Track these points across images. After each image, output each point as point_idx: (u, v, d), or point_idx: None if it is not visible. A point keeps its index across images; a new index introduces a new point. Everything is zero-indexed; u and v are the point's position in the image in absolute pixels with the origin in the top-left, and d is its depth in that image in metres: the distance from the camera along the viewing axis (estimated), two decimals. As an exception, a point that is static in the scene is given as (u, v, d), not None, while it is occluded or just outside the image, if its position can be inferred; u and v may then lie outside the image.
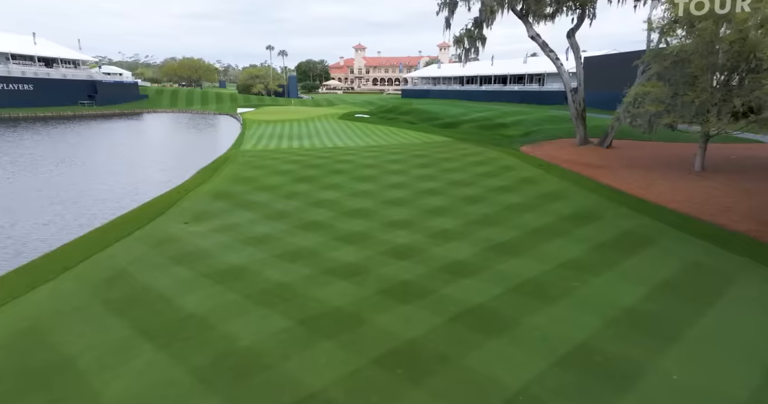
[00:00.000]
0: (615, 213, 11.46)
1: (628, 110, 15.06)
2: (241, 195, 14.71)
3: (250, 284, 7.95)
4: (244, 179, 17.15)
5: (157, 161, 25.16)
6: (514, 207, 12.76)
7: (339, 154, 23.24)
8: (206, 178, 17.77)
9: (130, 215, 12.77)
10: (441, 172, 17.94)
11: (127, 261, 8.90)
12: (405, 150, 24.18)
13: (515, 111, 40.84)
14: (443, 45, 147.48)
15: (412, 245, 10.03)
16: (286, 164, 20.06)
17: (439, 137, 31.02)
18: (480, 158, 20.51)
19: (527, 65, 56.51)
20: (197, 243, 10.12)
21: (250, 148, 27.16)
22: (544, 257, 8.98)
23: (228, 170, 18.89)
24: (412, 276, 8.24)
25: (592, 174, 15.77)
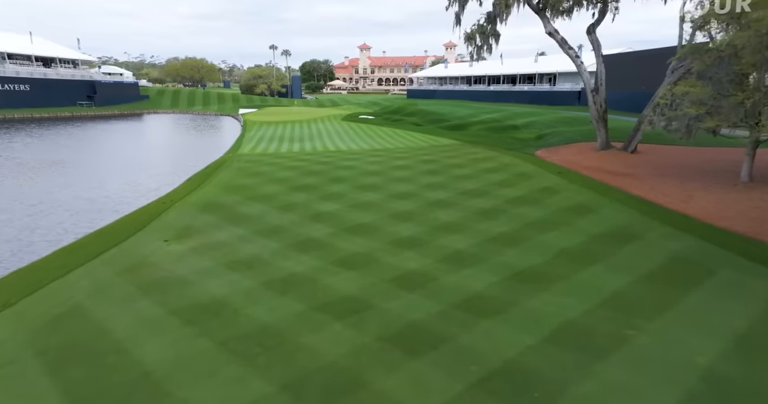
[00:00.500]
0: (656, 233, 10.02)
1: (663, 113, 13.60)
2: (232, 207, 13.41)
3: (228, 325, 6.63)
4: (238, 187, 15.86)
5: (149, 166, 23.96)
6: (536, 223, 11.35)
7: (341, 158, 21.94)
8: (197, 186, 16.50)
9: (105, 231, 11.51)
10: (451, 180, 16.55)
11: (86, 292, 7.61)
12: (411, 154, 22.83)
13: (526, 112, 39.34)
14: (449, 44, 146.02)
15: (422, 271, 8.67)
16: (284, 170, 18.76)
17: (447, 140, 29.62)
18: (493, 164, 19.10)
19: (538, 64, 54.92)
20: (173, 269, 8.81)
21: (248, 151, 25.91)
22: (582, 292, 7.57)
23: (221, 177, 17.62)
24: (421, 315, 6.88)
25: (620, 184, 14.31)
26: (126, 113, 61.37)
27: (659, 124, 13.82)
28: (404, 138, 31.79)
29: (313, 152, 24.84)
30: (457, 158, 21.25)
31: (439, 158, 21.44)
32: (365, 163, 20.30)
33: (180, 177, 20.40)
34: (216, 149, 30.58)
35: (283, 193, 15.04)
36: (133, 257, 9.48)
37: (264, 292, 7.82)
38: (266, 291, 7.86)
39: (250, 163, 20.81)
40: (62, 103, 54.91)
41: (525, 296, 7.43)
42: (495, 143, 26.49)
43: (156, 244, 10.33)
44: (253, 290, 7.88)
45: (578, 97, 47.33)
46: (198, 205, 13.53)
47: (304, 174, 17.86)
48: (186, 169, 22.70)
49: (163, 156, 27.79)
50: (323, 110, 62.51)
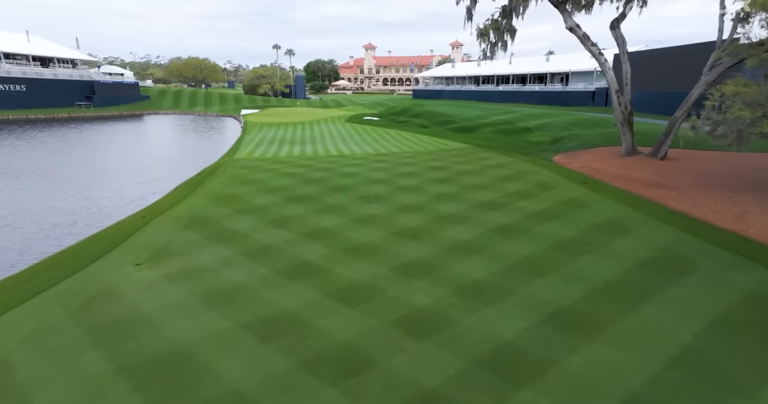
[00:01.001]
0: (714, 261, 8.50)
1: (708, 117, 12.05)
2: (219, 221, 12.03)
3: (189, 392, 5.21)
4: (229, 197, 14.48)
5: (139, 171, 22.69)
6: (565, 244, 9.87)
7: (343, 164, 20.55)
8: (185, 195, 15.16)
9: (71, 252, 10.17)
10: (463, 190, 15.08)
11: (18, 340, 6.23)
12: (419, 160, 21.38)
13: (539, 113, 37.76)
14: (456, 44, 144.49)
15: (434, 310, 7.23)
16: (280, 177, 17.39)
17: (456, 143, 28.13)
18: (508, 172, 17.60)
19: (549, 64, 53.29)
20: (138, 303, 7.44)
21: (245, 156, 24.59)
22: (640, 343, 6.09)
23: (212, 186, 16.27)
24: (437, 381, 5.43)
25: (656, 196, 12.78)
26: (125, 113, 60.42)
27: (703, 128, 12.28)
28: (410, 141, 30.34)
29: (313, 157, 23.46)
30: (468, 164, 19.78)
31: (448, 164, 19.98)
32: (369, 169, 18.89)
33: (170, 184, 19.10)
34: (212, 153, 29.34)
35: (277, 205, 13.65)
36: (95, 286, 8.11)
37: (243, 339, 6.41)
38: (245, 338, 6.45)
39: (246, 169, 19.46)
40: (60, 103, 54.01)
41: (566, 350, 5.96)
42: (507, 147, 24.97)
43: (125, 269, 8.97)
44: (230, 337, 6.47)
45: (592, 97, 45.68)
46: (181, 219, 12.17)
47: (302, 182, 16.48)
48: (178, 175, 21.41)
49: (155, 160, 26.57)
50: (326, 111, 61.24)
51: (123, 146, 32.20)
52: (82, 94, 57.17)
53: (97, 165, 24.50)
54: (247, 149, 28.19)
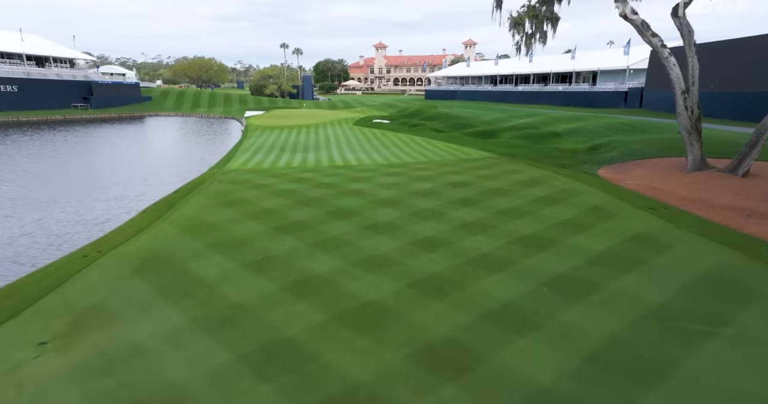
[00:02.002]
0: None
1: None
2: (181, 264, 9.32)
3: None
4: (203, 226, 11.80)
5: (113, 185, 20.10)
6: (661, 314, 6.92)
7: (349, 178, 17.82)
8: (150, 221, 12.52)
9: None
10: (495, 216, 12.20)
11: None
12: (436, 173, 18.54)
13: (567, 116, 34.65)
14: (469, 42, 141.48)
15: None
16: (272, 196, 14.70)
17: (477, 151, 25.21)
18: (547, 191, 14.66)
19: (575, 62, 49.92)
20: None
21: (238, 166, 21.98)
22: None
23: (188, 207, 13.61)
24: None
25: (763, 232, 9.75)
26: (124, 115, 58.57)
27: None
28: (424, 148, 27.50)
29: (315, 168, 20.74)
30: (495, 179, 16.86)
31: (471, 178, 17.09)
32: (378, 186, 16.10)
33: (144, 202, 16.54)
34: (203, 162, 26.86)
35: (262, 237, 10.91)
36: (-40, 392, 5.41)
37: None
38: None
39: (234, 185, 16.80)
40: (55, 105, 52.23)
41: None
42: (537, 157, 21.97)
43: (22, 352, 6.28)
44: None
45: (624, 98, 42.30)
46: (133, 260, 9.48)
47: (297, 204, 13.74)
48: (157, 190, 18.89)
49: (137, 170, 24.02)
50: (334, 113, 58.68)
51: (107, 153, 29.79)
52: (78, 95, 55.39)
53: (69, 177, 22.07)
54: (243, 157, 25.60)
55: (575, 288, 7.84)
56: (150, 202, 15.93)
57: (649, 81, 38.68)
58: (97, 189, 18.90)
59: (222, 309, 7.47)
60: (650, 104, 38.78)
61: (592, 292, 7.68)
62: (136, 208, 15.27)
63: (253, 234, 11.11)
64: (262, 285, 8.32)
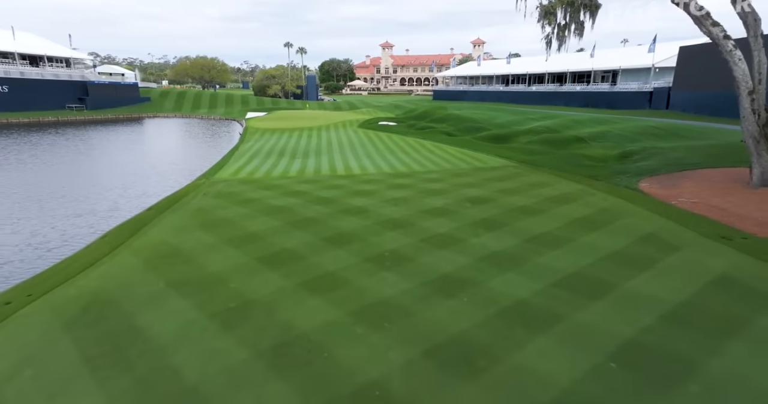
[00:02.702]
0: None
1: None
2: (129, 316, 7.30)
3: None
4: (171, 256, 9.82)
5: (85, 198, 17.99)
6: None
7: (351, 191, 15.81)
8: (109, 249, 10.55)
9: None
10: (528, 245, 10.09)
11: None
12: (450, 185, 16.46)
13: (588, 118, 32.37)
14: (477, 41, 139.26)
15: None
16: (260, 215, 12.70)
17: (493, 158, 23.08)
18: (584, 210, 12.52)
19: (594, 60, 47.46)
20: None
21: (229, 175, 20.04)
22: None
23: (158, 231, 11.63)
24: None
25: None
26: (121, 117, 57.04)
27: None
28: (435, 154, 25.41)
29: (314, 178, 18.75)
30: (519, 193, 14.73)
31: (491, 192, 14.97)
32: (384, 201, 14.05)
33: (113, 219, 14.64)
34: (193, 169, 24.95)
35: (241, 271, 8.91)
36: None
37: None
38: None
39: (219, 199, 14.83)
40: (48, 106, 50.74)
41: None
42: (563, 165, 19.80)
43: None
44: None
45: (649, 99, 39.87)
46: (69, 308, 7.50)
47: (289, 225, 11.73)
48: (134, 202, 17.00)
49: (117, 179, 21.95)
50: (338, 114, 56.77)
51: (92, 158, 27.90)
52: (73, 96, 53.90)
53: (38, 187, 20.11)
54: (237, 163, 23.68)
55: (659, 366, 5.70)
56: (121, 219, 13.99)
57: (677, 80, 36.22)
58: (66, 202, 16.99)
59: (169, 392, 5.44)
60: (678, 105, 36.33)
61: (688, 378, 5.53)
62: (102, 228, 13.35)
63: (231, 268, 9.09)
64: (231, 353, 6.28)
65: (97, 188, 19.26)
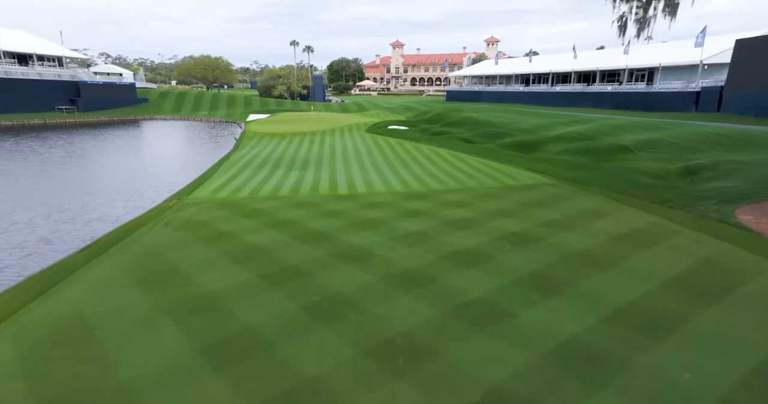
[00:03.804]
0: None
1: None
2: None
3: None
4: (76, 337, 6.67)
5: (17, 228, 14.82)
6: None
7: (352, 219, 12.62)
8: (9, 312, 7.39)
9: None
10: (611, 325, 6.74)
11: None
12: (479, 212, 13.13)
13: (630, 123, 28.70)
14: (491, 40, 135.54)
15: None
16: (227, 262, 9.53)
17: (524, 173, 19.69)
18: (678, 261, 9.09)
19: (628, 57, 43.47)
20: None
21: (208, 194, 16.93)
22: None
23: (72, 293, 8.45)
24: None
25: None
26: (115, 119, 54.56)
27: None
28: (454, 166, 22.07)
29: (309, 199, 15.55)
30: (572, 227, 11.34)
31: (535, 226, 11.59)
32: (393, 238, 10.80)
33: (30, 262, 11.55)
34: (174, 181, 21.95)
35: (175, 371, 5.69)
36: None
37: None
38: None
39: (182, 232, 11.69)
40: (36, 108, 48.32)
41: None
42: (615, 184, 16.31)
43: None
44: None
45: (696, 100, 35.89)
46: None
47: (262, 280, 8.55)
48: (78, 233, 13.89)
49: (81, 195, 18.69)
50: (345, 117, 53.63)
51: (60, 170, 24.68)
52: (64, 97, 51.47)
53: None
54: (222, 177, 20.59)
55: None
56: (43, 263, 10.87)
57: (732, 79, 32.09)
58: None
59: None
60: (733, 107, 32.28)
61: None
62: (9, 278, 10.24)
63: (161, 366, 5.88)
64: None
65: (46, 210, 16.21)
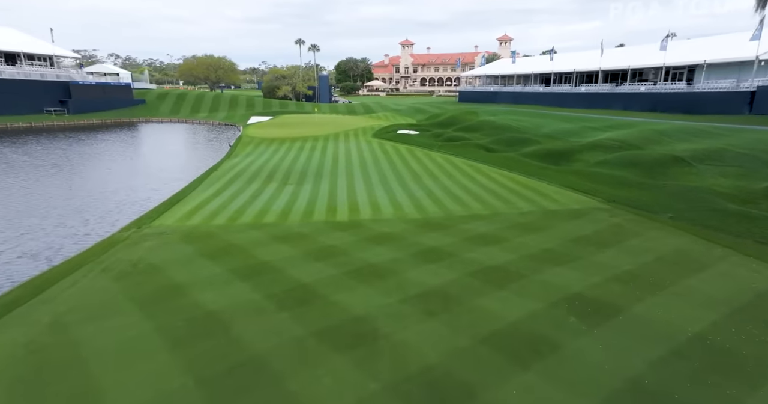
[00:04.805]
0: None
1: None
2: None
3: None
4: None
5: None
6: None
7: (350, 264, 9.63)
8: None
9: None
10: None
11: None
12: (519, 253, 10.01)
13: (677, 129, 25.29)
14: (504, 38, 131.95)
15: None
16: (160, 347, 6.50)
17: (564, 192, 16.49)
18: None
19: (666, 54, 39.55)
20: None
21: (176, 221, 14.00)
22: None
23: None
24: None
25: None
26: (109, 122, 52.14)
27: None
28: (475, 182, 18.93)
29: (299, 229, 12.54)
30: (661, 287, 8.18)
31: (604, 281, 8.45)
32: (406, 299, 7.76)
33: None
34: (148, 198, 19.03)
35: None
36: None
37: None
38: None
39: (119, 284, 8.74)
40: (22, 110, 45.89)
41: None
42: (692, 211, 13.02)
43: None
44: None
45: (750, 101, 32.24)
46: None
47: (206, 387, 5.46)
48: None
49: (20, 224, 15.60)
50: (351, 120, 50.65)
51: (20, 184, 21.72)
52: (54, 98, 49.02)
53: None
54: (203, 195, 17.68)
55: None
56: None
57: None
58: None
59: None
60: None
61: None
62: None
63: None
64: None
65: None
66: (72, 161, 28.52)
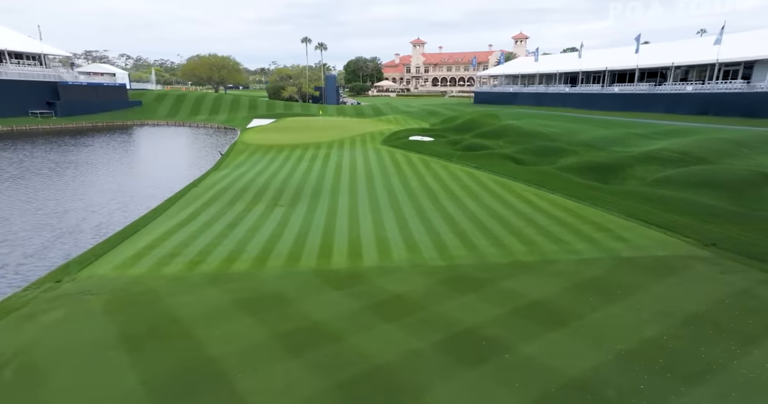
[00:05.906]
0: None
1: None
2: None
3: None
4: None
5: None
6: None
7: (344, 348, 6.00)
8: None
9: None
10: None
11: None
12: (593, 333, 6.36)
13: (753, 137, 21.32)
14: (519, 36, 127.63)
15: None
16: None
17: (627, 223, 12.81)
18: None
19: (720, 48, 35.13)
20: None
21: (114, 268, 10.72)
22: None
23: None
24: None
25: None
26: (100, 125, 49.39)
27: None
28: (507, 204, 15.28)
29: (277, 285, 9.07)
30: None
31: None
32: None
33: None
34: (92, 234, 15.41)
35: None
36: None
37: None
38: None
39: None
40: (6, 112, 43.23)
41: None
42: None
43: None
44: None
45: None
46: None
47: None
48: None
49: None
50: (359, 123, 47.18)
51: None
52: (40, 100, 46.35)
53: None
54: (167, 224, 14.33)
55: None
56: None
57: None
58: None
59: None
60: None
61: None
62: None
63: None
64: None
65: None
66: (30, 171, 25.32)
